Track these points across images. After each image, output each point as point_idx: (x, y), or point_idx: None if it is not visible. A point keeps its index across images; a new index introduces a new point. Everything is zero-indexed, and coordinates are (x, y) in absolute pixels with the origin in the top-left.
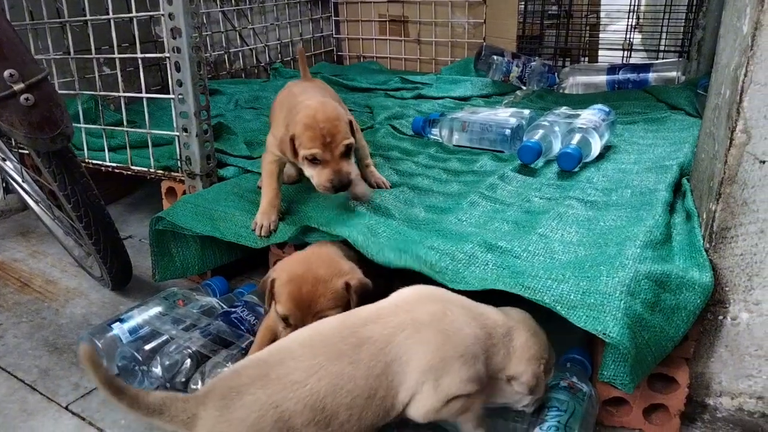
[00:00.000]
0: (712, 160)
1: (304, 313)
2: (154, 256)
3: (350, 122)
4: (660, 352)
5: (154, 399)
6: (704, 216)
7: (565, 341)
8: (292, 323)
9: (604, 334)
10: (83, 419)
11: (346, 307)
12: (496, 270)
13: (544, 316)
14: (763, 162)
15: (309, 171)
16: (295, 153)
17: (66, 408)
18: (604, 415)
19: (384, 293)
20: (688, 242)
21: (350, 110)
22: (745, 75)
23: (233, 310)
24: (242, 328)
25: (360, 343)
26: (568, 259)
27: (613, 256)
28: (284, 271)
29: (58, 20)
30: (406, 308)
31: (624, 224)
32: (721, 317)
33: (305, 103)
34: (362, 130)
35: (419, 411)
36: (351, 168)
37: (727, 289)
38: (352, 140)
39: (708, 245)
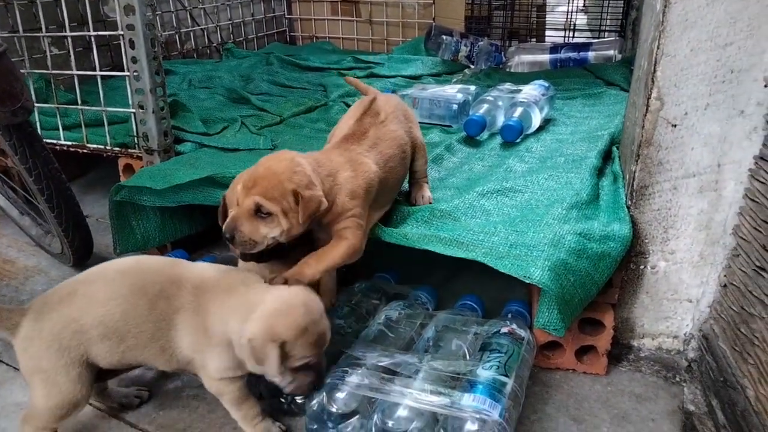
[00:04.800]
0: (634, 126)
1: None
2: (114, 228)
3: (295, 192)
4: (586, 294)
5: None
6: (627, 176)
7: (508, 296)
8: None
9: (526, 277)
10: None
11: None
12: (436, 230)
13: (494, 273)
14: (675, 126)
15: None
16: None
17: None
18: (541, 358)
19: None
20: (613, 201)
21: (304, 88)
22: (658, 47)
23: None
24: None
25: (163, 296)
26: (501, 219)
27: (541, 215)
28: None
29: None
30: (202, 288)
31: (556, 186)
32: (642, 266)
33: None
34: (315, 108)
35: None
36: (250, 231)
37: (646, 241)
38: (266, 204)
39: (630, 202)
